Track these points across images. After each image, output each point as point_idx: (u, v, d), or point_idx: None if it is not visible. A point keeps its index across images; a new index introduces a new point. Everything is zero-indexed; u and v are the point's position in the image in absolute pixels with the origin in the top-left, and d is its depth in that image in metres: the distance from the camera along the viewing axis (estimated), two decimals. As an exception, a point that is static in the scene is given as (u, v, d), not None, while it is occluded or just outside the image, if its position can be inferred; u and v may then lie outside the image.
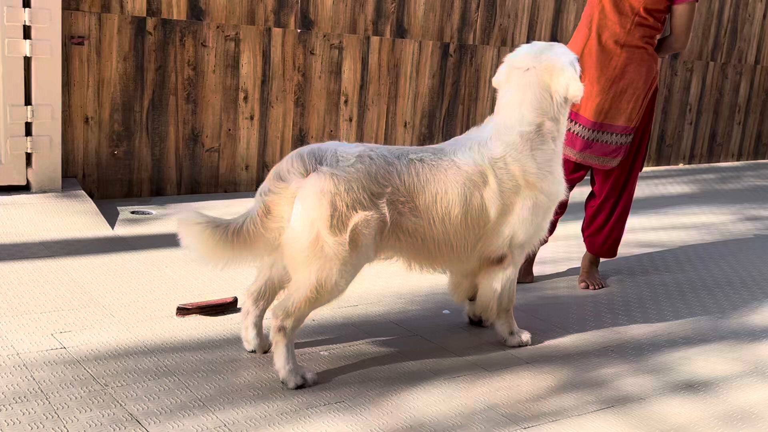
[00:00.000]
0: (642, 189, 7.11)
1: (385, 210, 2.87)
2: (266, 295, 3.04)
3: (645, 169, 8.07)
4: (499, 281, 3.29)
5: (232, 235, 2.79)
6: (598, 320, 3.80)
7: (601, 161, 4.07)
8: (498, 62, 5.10)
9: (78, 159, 5.16)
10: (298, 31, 5.76)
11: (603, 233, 4.28)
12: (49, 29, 4.70)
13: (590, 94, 3.99)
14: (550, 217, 3.35)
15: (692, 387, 3.14)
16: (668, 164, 8.42)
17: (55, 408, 2.54)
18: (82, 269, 3.86)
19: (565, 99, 3.20)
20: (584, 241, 4.38)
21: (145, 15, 5.18)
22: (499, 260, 3.28)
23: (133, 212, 5.03)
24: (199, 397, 2.71)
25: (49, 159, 4.87)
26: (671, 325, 3.81)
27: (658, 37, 4.05)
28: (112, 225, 4.67)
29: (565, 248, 4.91)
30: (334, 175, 2.78)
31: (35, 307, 3.35)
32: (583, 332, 3.63)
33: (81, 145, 5.15)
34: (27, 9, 4.62)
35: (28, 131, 4.79)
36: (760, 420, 2.91)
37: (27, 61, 4.71)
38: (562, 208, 4.27)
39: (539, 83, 3.18)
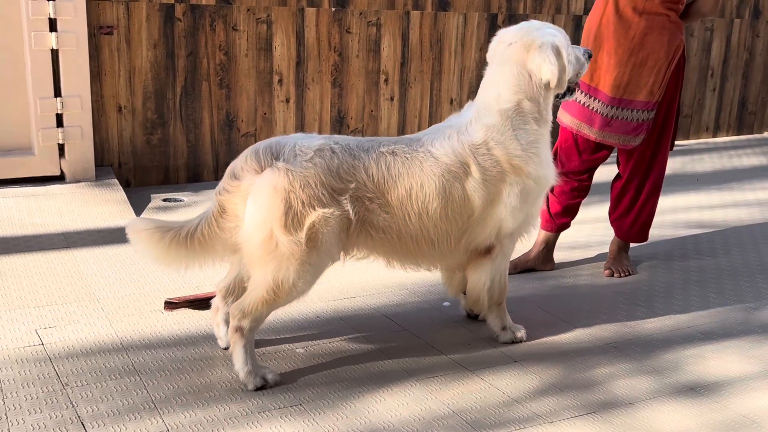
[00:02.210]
0: (713, 161, 6.65)
1: (348, 207, 2.74)
2: (235, 292, 2.97)
3: (721, 139, 7.56)
4: (488, 273, 3.11)
5: (185, 238, 2.74)
6: (612, 312, 3.55)
7: (622, 140, 3.79)
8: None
9: (113, 148, 5.24)
10: (333, 9, 5.64)
11: (630, 216, 4.00)
12: (74, 21, 4.76)
13: (608, 67, 3.72)
14: (541, 203, 3.15)
15: (694, 390, 2.88)
16: (750, 133, 7.85)
17: (8, 408, 2.56)
18: (91, 261, 3.91)
19: (547, 84, 2.97)
20: (611, 225, 4.11)
21: (173, 1, 5.17)
22: (487, 251, 3.10)
23: (165, 200, 5.07)
24: (154, 398, 2.67)
25: (81, 149, 4.96)
26: (694, 318, 3.51)
27: (683, 2, 3.72)
28: (139, 214, 4.72)
29: (603, 231, 4.62)
30: (289, 171, 2.66)
31: (31, 301, 3.41)
32: (590, 326, 3.39)
33: (115, 134, 5.22)
34: (51, 2, 4.68)
35: (59, 122, 4.89)
36: (761, 429, 2.63)
37: (54, 53, 4.79)
38: (585, 191, 4.03)
39: (517, 59, 2.95)
